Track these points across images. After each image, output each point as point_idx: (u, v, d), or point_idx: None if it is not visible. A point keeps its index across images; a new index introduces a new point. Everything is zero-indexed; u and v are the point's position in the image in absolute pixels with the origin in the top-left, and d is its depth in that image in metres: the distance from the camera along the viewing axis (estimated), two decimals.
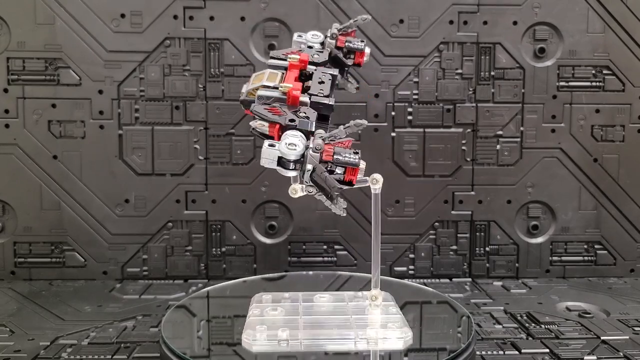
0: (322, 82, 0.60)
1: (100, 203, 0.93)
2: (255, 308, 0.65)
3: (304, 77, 0.62)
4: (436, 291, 0.77)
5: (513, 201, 0.96)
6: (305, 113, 0.56)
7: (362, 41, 0.69)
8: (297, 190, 0.54)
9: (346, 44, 0.68)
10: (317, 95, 0.58)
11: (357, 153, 0.53)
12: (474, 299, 0.87)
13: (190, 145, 0.93)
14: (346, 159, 0.53)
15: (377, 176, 0.58)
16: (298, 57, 0.63)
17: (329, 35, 0.68)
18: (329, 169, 0.53)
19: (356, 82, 0.73)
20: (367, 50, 0.69)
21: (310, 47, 0.67)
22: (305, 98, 0.58)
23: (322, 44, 0.68)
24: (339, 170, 0.53)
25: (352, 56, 0.69)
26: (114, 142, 0.93)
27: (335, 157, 0.53)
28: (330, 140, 0.54)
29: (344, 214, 0.56)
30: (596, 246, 0.98)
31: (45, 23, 0.90)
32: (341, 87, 0.72)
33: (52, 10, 0.90)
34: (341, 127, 0.55)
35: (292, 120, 0.54)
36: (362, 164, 0.53)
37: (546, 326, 0.75)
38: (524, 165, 0.96)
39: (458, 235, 0.97)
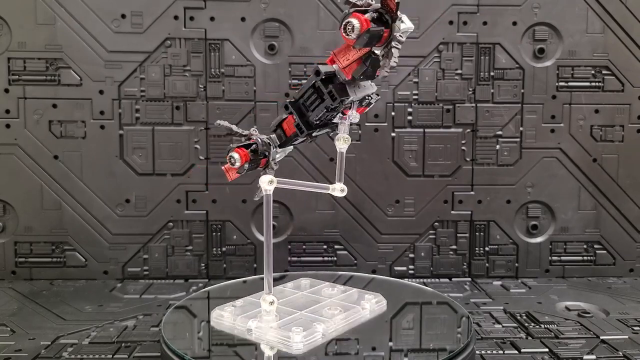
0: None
1: (101, 203, 0.94)
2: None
3: None
4: (436, 291, 0.77)
5: (512, 201, 0.97)
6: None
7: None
8: None
9: None
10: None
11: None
12: (474, 298, 0.87)
13: (190, 145, 0.94)
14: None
15: (272, 177, 0.61)
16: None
17: None
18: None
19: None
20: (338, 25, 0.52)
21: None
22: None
23: None
24: None
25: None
26: (114, 142, 0.93)
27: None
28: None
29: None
30: (595, 246, 0.98)
31: (46, 23, 0.91)
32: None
33: (53, 11, 0.90)
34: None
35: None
36: (235, 155, 0.62)
37: (546, 326, 0.75)
38: (523, 165, 0.96)
39: (458, 235, 0.97)
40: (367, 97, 0.60)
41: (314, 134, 0.62)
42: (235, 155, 0.62)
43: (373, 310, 0.67)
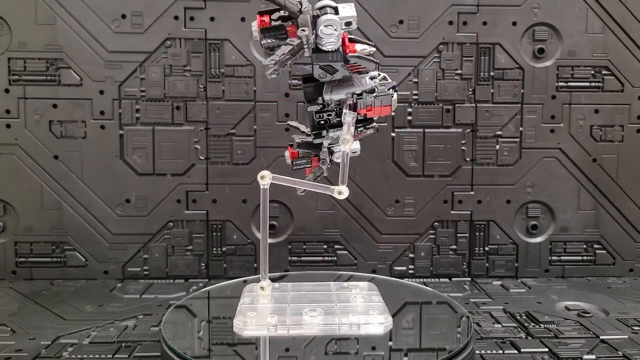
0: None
1: (101, 203, 0.94)
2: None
3: None
4: (436, 291, 0.77)
5: (512, 201, 0.97)
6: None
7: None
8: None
9: None
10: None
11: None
12: (474, 298, 0.87)
13: (190, 145, 0.94)
14: None
15: (266, 172, 0.64)
16: None
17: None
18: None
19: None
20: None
21: None
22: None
23: None
24: None
25: None
26: (114, 142, 0.93)
27: None
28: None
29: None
30: (595, 246, 0.98)
31: (46, 23, 0.91)
32: None
33: (53, 11, 0.91)
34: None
35: None
36: (286, 153, 0.66)
37: (545, 325, 0.75)
38: (523, 165, 0.96)
39: (457, 235, 0.97)
40: (353, 96, 0.59)
41: (329, 134, 0.63)
42: (286, 153, 0.66)
43: (360, 326, 0.62)
